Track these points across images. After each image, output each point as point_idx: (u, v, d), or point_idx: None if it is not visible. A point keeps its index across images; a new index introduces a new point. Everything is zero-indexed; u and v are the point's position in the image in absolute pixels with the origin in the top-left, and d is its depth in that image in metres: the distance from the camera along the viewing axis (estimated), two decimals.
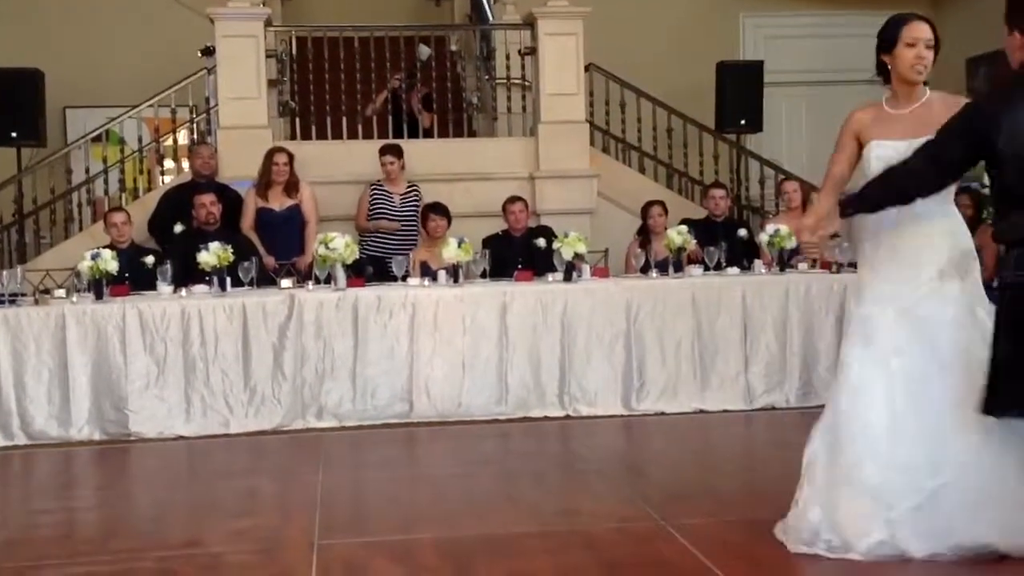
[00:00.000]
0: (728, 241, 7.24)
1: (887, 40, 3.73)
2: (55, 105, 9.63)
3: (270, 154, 7.65)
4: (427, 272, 6.88)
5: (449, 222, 7.47)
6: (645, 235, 7.82)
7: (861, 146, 3.79)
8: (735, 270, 6.93)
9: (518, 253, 7.42)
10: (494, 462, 5.58)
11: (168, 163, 9.69)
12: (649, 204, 7.86)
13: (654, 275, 6.78)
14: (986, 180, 7.40)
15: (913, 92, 3.74)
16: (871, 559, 3.45)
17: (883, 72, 3.80)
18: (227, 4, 8.43)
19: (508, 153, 8.88)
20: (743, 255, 7.46)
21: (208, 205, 7.25)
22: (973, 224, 6.87)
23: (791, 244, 6.72)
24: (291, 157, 7.64)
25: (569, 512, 4.29)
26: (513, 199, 7.79)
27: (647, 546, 3.78)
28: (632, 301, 6.44)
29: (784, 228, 6.61)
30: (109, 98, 9.80)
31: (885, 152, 3.67)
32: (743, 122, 9.81)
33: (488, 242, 7.49)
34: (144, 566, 3.83)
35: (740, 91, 9.81)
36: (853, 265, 6.83)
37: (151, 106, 9.00)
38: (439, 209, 7.51)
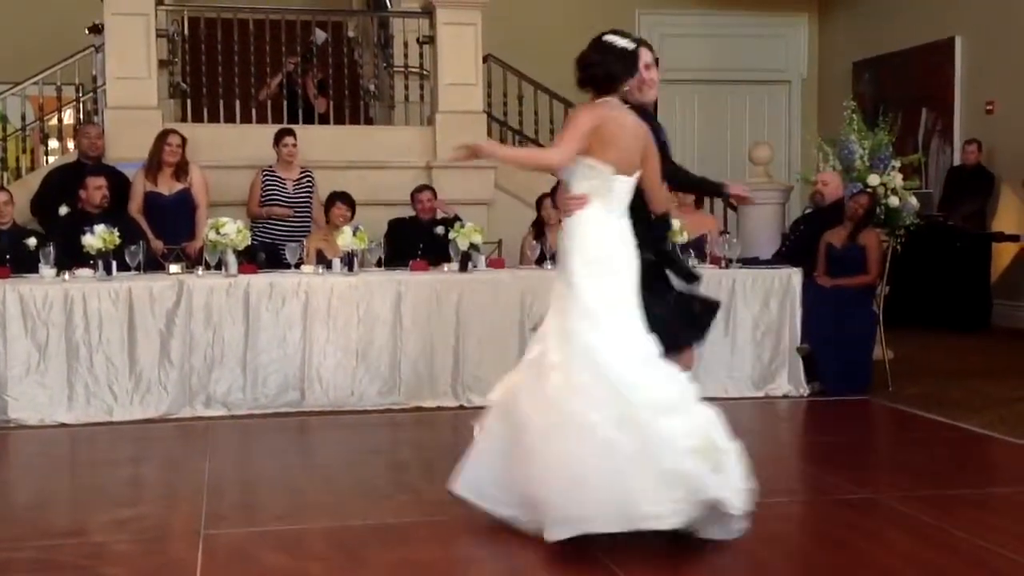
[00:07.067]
0: None
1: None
2: None
3: (163, 136, 7.47)
4: (322, 260, 6.82)
5: (353, 212, 7.40)
6: (539, 227, 7.87)
7: None
8: None
9: (423, 239, 7.41)
10: (386, 452, 5.58)
11: (53, 143, 9.42)
12: (543, 196, 7.89)
13: (548, 267, 6.83)
14: (872, 181, 7.60)
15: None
16: None
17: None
18: None
19: (405, 142, 8.86)
20: None
21: (103, 188, 7.08)
22: (862, 224, 7.07)
23: (682, 240, 6.83)
24: (184, 140, 7.48)
25: (459, 502, 4.29)
26: (421, 188, 7.81)
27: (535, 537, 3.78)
28: (526, 292, 6.48)
29: (676, 222, 6.70)
30: None
31: None
32: None
33: (394, 225, 7.47)
34: (25, 555, 3.74)
35: None
36: (741, 261, 7.01)
37: (36, 83, 8.73)
38: (345, 198, 7.43)
